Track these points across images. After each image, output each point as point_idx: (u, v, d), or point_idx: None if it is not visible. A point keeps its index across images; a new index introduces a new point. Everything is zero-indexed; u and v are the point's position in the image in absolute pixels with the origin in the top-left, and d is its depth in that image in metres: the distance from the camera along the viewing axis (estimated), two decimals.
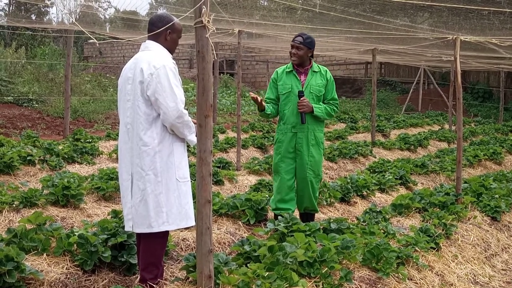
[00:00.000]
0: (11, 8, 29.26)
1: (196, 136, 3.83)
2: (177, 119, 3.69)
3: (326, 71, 5.56)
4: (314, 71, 5.50)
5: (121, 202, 3.96)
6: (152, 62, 3.72)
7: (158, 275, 3.84)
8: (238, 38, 9.75)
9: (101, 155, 9.20)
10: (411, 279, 4.43)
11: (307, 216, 5.62)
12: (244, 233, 5.53)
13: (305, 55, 5.43)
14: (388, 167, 9.03)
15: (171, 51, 3.94)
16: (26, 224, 4.47)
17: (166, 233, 3.89)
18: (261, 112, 5.54)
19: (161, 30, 3.83)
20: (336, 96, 5.60)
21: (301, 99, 5.36)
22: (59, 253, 4.22)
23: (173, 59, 3.92)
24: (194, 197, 4.36)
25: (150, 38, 3.90)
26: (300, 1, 11.09)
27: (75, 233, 4.31)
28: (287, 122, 5.49)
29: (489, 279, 5.15)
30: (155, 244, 3.83)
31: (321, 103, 5.51)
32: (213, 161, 6.18)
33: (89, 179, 6.92)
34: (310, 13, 9.99)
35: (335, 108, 5.58)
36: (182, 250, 4.95)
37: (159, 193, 3.74)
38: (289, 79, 5.50)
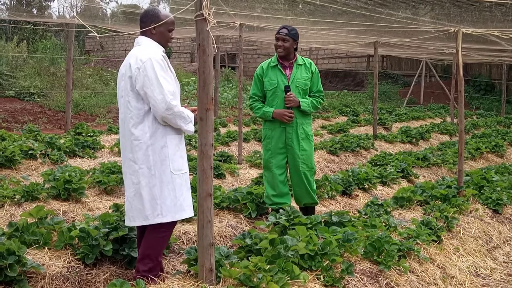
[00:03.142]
0: (12, 2, 29.20)
1: (194, 125, 3.84)
2: (167, 111, 3.68)
3: (310, 63, 5.56)
4: (299, 64, 5.50)
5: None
6: (139, 56, 3.74)
7: (152, 269, 3.82)
8: (240, 32, 9.73)
9: (102, 149, 9.20)
10: (412, 272, 4.43)
11: (307, 209, 5.62)
12: (246, 226, 5.54)
13: (291, 47, 5.43)
14: (390, 160, 9.02)
15: (162, 44, 3.93)
16: (27, 218, 4.47)
17: (169, 227, 3.89)
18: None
19: (147, 25, 3.86)
20: (321, 88, 5.63)
21: (288, 94, 5.37)
22: (61, 247, 4.23)
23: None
24: (195, 190, 4.36)
25: (141, 33, 3.93)
26: None
27: (77, 227, 4.32)
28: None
29: (490, 271, 5.16)
30: (156, 238, 3.84)
31: (307, 96, 5.51)
32: (214, 154, 6.22)
33: (90, 173, 6.92)
34: (311, 6, 9.94)
35: (320, 101, 5.61)
36: (184, 243, 4.96)
37: (153, 185, 3.77)
38: (274, 74, 5.48)
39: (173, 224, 3.93)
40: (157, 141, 3.77)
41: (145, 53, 3.75)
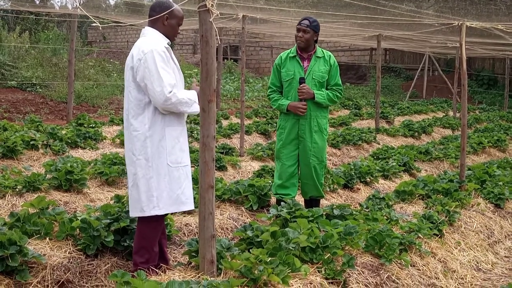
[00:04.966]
0: None
1: (198, 104, 3.76)
2: (165, 103, 3.66)
3: (330, 56, 5.52)
4: (318, 57, 5.47)
5: None
6: (142, 47, 3.72)
7: (149, 260, 3.83)
8: (242, 23, 9.68)
9: (104, 140, 9.20)
10: (413, 266, 4.43)
11: (312, 202, 5.62)
12: (247, 218, 5.53)
13: (311, 39, 5.41)
14: (392, 154, 9.00)
15: (169, 37, 3.91)
16: (29, 208, 4.48)
17: (159, 218, 3.88)
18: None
19: (159, 16, 3.81)
20: (340, 82, 5.57)
21: (301, 85, 5.35)
22: (62, 237, 4.23)
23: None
24: (196, 182, 4.36)
25: (149, 24, 3.90)
26: None
27: (78, 218, 4.32)
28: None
29: (492, 266, 5.15)
30: (148, 228, 3.84)
31: (323, 89, 5.48)
32: (216, 147, 6.24)
33: (92, 164, 6.91)
34: None
35: (338, 94, 5.54)
36: (185, 235, 4.96)
37: (150, 177, 3.76)
38: (292, 65, 5.47)
39: (166, 214, 3.93)
40: (155, 133, 3.76)
41: (148, 44, 3.72)
